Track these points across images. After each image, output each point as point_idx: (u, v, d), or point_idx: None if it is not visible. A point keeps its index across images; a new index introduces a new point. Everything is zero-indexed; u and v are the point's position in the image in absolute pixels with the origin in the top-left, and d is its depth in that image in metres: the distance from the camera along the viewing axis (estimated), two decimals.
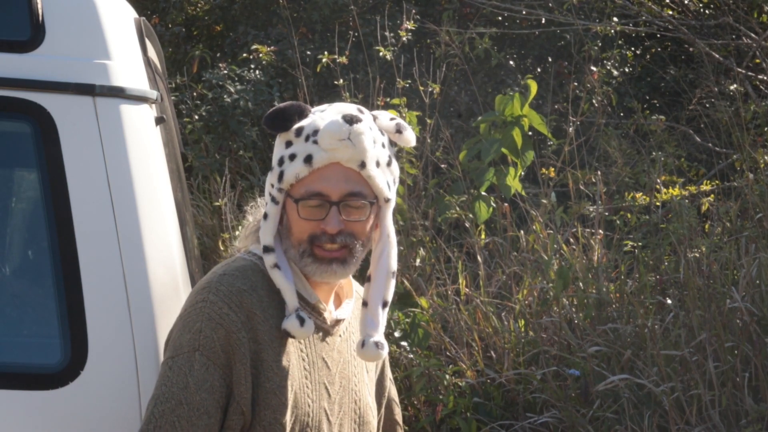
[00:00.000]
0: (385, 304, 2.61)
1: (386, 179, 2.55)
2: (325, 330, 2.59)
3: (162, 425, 2.39)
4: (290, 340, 2.51)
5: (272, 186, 2.54)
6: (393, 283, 2.63)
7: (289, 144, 2.52)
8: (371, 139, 2.51)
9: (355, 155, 2.49)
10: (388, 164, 2.56)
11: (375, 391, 2.78)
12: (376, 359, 2.63)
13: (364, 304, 2.62)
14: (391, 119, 2.58)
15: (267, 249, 2.53)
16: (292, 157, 2.50)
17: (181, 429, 2.39)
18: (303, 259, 2.51)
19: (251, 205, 2.70)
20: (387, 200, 2.56)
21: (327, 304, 2.61)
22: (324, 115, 2.53)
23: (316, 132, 2.50)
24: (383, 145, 2.54)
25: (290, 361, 2.51)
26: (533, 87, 5.67)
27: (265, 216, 2.54)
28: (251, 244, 2.61)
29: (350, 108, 2.56)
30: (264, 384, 2.46)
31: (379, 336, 2.60)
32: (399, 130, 2.58)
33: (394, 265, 2.63)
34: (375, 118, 2.58)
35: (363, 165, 2.50)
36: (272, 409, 2.46)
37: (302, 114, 2.54)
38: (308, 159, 2.48)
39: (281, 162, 2.52)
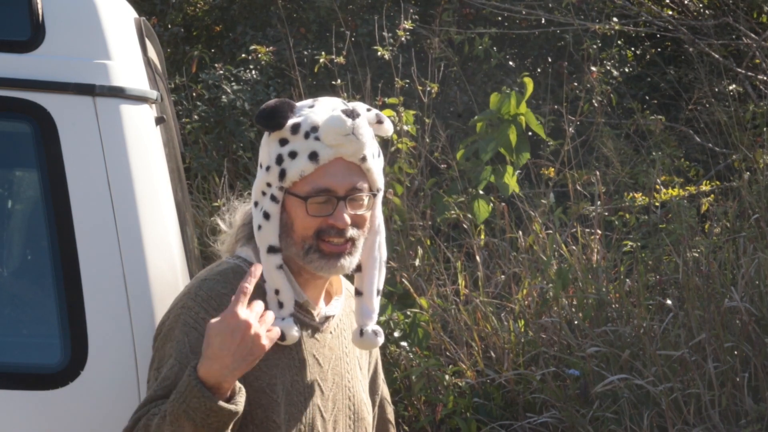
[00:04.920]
0: (378, 293, 2.64)
1: (380, 170, 2.57)
2: (314, 327, 2.59)
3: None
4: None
5: (269, 185, 2.53)
6: (384, 271, 2.65)
7: (284, 142, 2.51)
8: (369, 132, 2.53)
9: (358, 150, 2.50)
10: (379, 155, 2.58)
11: (368, 390, 2.78)
12: (374, 347, 2.66)
13: (359, 293, 2.63)
14: (368, 110, 2.59)
15: (273, 249, 2.52)
16: (293, 154, 2.49)
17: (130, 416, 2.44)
18: (309, 255, 2.51)
19: (223, 209, 2.70)
20: (379, 190, 2.58)
21: (318, 302, 2.61)
22: (317, 111, 2.52)
23: (315, 128, 2.49)
24: (372, 137, 2.56)
25: (280, 359, 2.52)
26: (529, 84, 5.67)
27: (267, 216, 2.52)
28: (239, 247, 2.61)
29: (339, 102, 2.57)
30: (252, 383, 2.47)
31: (375, 324, 2.63)
32: (379, 121, 2.59)
33: (385, 253, 2.65)
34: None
35: (364, 159, 2.52)
36: (263, 408, 2.47)
37: (292, 110, 2.53)
38: (313, 156, 2.48)
39: (280, 160, 2.50)
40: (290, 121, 2.51)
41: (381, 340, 2.64)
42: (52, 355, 2.56)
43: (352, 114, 2.50)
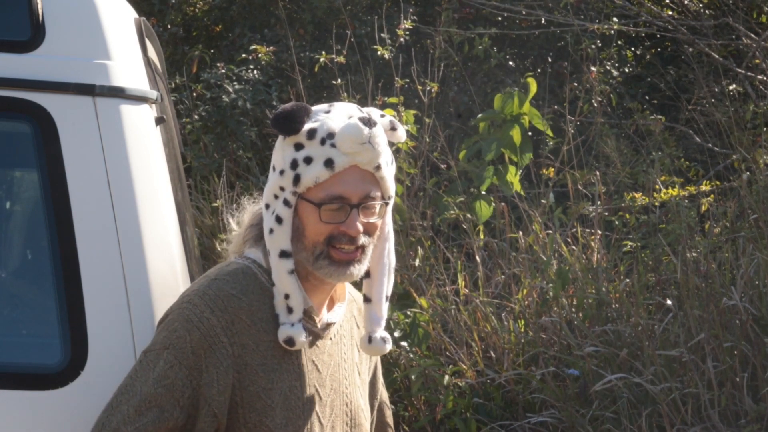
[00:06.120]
0: (386, 299, 2.65)
1: (392, 177, 2.58)
2: (315, 334, 2.59)
3: (114, 413, 2.43)
4: (280, 343, 2.51)
5: (282, 189, 2.52)
6: (393, 277, 2.66)
7: (300, 147, 2.50)
8: (384, 140, 2.53)
9: (373, 158, 2.51)
10: (392, 162, 2.58)
11: (368, 394, 2.79)
12: (382, 353, 2.66)
13: (367, 300, 2.63)
14: (382, 116, 2.59)
15: (285, 254, 2.51)
16: (308, 160, 2.49)
17: (128, 415, 2.42)
18: (318, 261, 2.51)
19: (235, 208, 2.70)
20: (391, 198, 2.58)
21: (321, 308, 2.62)
22: (333, 117, 2.52)
23: (332, 135, 2.49)
24: (386, 145, 2.56)
25: (279, 364, 2.52)
26: (533, 85, 5.66)
27: (279, 220, 2.52)
28: (248, 248, 2.61)
29: (355, 108, 2.56)
30: (248, 387, 2.47)
31: (383, 331, 2.63)
32: (393, 128, 2.60)
33: (393, 260, 2.66)
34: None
35: (378, 167, 2.52)
36: (257, 412, 2.48)
37: (309, 115, 2.53)
38: (329, 163, 2.48)
39: (295, 165, 2.50)
40: (306, 126, 2.51)
41: (389, 346, 2.64)
42: (52, 355, 2.56)
43: (369, 122, 2.50)
